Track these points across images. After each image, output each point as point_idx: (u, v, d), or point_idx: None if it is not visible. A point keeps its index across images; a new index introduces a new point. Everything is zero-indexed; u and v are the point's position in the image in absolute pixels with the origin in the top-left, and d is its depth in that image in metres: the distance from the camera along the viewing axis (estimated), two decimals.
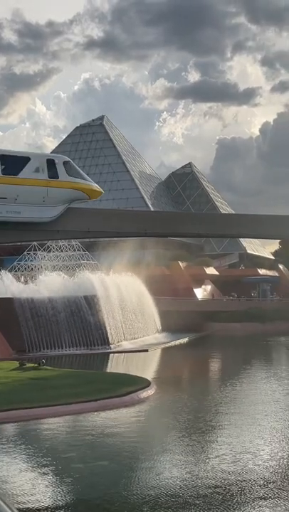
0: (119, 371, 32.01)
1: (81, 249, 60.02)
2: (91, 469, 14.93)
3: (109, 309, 45.21)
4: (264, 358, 41.44)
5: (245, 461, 15.27)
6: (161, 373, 33.20)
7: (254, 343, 50.32)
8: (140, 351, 41.91)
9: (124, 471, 14.82)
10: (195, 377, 32.78)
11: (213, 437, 18.26)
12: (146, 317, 52.06)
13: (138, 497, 12.94)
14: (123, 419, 20.50)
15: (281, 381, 28.98)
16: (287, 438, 17.91)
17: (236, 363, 37.95)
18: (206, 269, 72.64)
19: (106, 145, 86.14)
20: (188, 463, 15.33)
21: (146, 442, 17.81)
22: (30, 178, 27.63)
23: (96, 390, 22.88)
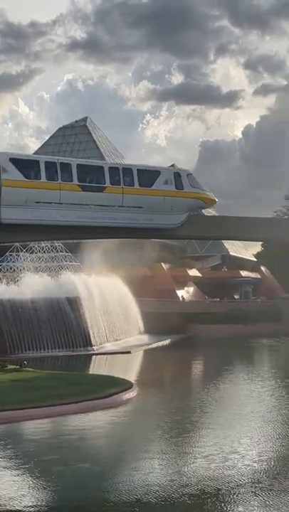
0: (101, 373, 31.91)
1: (64, 251, 59.76)
2: (73, 472, 14.84)
3: (91, 311, 45.08)
4: (246, 360, 41.60)
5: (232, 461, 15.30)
6: (143, 375, 33.16)
7: (236, 345, 50.49)
8: (123, 353, 41.83)
9: (107, 474, 14.76)
10: (178, 379, 32.80)
11: (196, 438, 18.25)
12: (128, 319, 52.00)
13: (121, 499, 12.89)
14: (106, 421, 20.42)
15: (264, 382, 29.10)
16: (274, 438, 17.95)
17: (219, 364, 38.04)
18: (188, 270, 72.79)
19: (89, 146, 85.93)
20: (171, 464, 15.29)
21: (129, 444, 17.77)
22: (161, 190, 32.13)
23: (78, 391, 22.78)
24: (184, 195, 32.99)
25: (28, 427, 19.52)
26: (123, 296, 52.48)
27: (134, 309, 53.46)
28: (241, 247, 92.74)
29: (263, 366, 38.89)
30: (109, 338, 46.19)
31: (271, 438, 18.01)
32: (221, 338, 55.21)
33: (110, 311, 48.32)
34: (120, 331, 49.02)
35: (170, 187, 32.63)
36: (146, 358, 41.26)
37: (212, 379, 30.82)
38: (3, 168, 28.99)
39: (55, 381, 25.19)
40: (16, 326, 41.14)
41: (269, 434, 18.49)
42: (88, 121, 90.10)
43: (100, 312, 46.40)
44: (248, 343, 50.62)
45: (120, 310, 50.50)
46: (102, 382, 25.28)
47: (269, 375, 32.60)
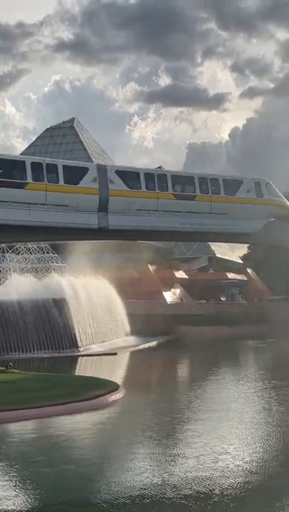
0: (87, 374, 31.85)
1: (50, 252, 59.58)
2: (59, 473, 14.80)
3: (78, 312, 44.98)
4: (233, 361, 41.72)
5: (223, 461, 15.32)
6: (130, 376, 33.12)
7: (223, 347, 50.63)
8: (109, 354, 41.77)
9: (93, 475, 14.72)
10: (164, 380, 32.81)
11: (181, 442, 18.25)
12: (115, 320, 51.95)
13: (107, 501, 12.86)
14: (92, 423, 20.38)
15: (252, 383, 29.20)
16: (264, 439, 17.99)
17: (205, 365, 38.12)
18: (175, 272, 72.89)
19: (76, 147, 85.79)
20: (157, 465, 15.30)
21: (115, 445, 17.74)
22: (243, 198, 35.49)
23: (65, 393, 22.70)
24: (263, 202, 36.70)
25: (14, 428, 19.43)
26: (110, 297, 52.43)
27: (121, 311, 53.43)
28: (228, 249, 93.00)
29: (250, 368, 39.03)
30: (95, 340, 46.11)
31: (261, 439, 18.07)
32: (208, 340, 55.33)
33: (97, 313, 48.25)
34: (106, 333, 48.96)
35: (251, 195, 36.27)
36: (132, 359, 41.23)
37: (199, 380, 30.88)
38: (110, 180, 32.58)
39: (41, 383, 25.10)
40: (1, 327, 40.95)
41: (259, 435, 18.56)
42: (75, 122, 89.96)
43: (86, 314, 46.32)
44: (235, 345, 50.77)
45: (107, 311, 50.44)
46: (88, 384, 25.22)
47: (257, 377, 32.72)
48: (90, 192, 32.14)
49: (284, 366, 38.24)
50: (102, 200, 32.32)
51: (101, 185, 32.44)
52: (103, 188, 32.49)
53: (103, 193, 32.41)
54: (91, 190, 32.17)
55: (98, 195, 32.35)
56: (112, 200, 32.50)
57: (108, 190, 32.63)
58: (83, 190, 31.87)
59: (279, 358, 43.89)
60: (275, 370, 36.22)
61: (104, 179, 32.64)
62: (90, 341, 45.16)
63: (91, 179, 32.32)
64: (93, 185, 32.19)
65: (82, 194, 31.86)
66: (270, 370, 36.81)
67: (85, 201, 31.84)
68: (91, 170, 32.94)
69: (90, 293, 48.88)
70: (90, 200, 32.06)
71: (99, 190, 32.30)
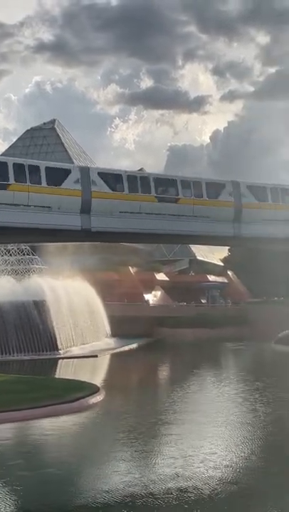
0: (68, 377, 31.65)
1: (31, 254, 59.26)
2: (39, 477, 14.66)
3: (58, 314, 44.73)
4: (214, 363, 41.82)
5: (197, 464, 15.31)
6: (110, 379, 33.01)
7: (203, 348, 50.75)
8: (89, 357, 41.60)
9: (73, 478, 14.61)
10: (144, 383, 32.76)
11: (161, 443, 18.21)
12: (96, 322, 51.80)
13: (87, 504, 12.77)
14: (72, 425, 20.26)
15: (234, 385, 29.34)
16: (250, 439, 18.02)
17: (186, 367, 38.16)
18: (156, 274, 72.94)
19: (57, 149, 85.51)
20: (137, 468, 15.24)
21: (95, 448, 17.65)
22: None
23: (44, 396, 22.53)
24: None
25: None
26: (90, 299, 52.26)
27: (102, 313, 53.29)
28: (208, 252, 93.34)
29: (231, 369, 39.20)
30: (76, 342, 45.89)
31: (247, 439, 18.11)
32: (189, 342, 55.43)
33: (77, 315, 48.05)
34: (87, 335, 48.78)
35: None
36: (113, 361, 41.12)
37: (180, 382, 30.87)
38: None
39: (21, 385, 24.87)
40: None
41: (244, 435, 18.59)
42: (56, 123, 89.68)
43: (66, 316, 46.09)
44: (216, 347, 50.93)
45: (87, 314, 50.27)
46: (69, 387, 25.07)
47: (239, 378, 32.86)
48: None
49: (264, 368, 38.49)
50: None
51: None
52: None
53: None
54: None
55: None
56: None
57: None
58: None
59: (259, 360, 44.14)
60: (256, 371, 36.39)
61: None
62: (70, 344, 44.94)
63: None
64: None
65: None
66: (252, 371, 36.97)
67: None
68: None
69: (71, 295, 48.67)
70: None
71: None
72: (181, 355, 47.48)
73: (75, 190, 32.06)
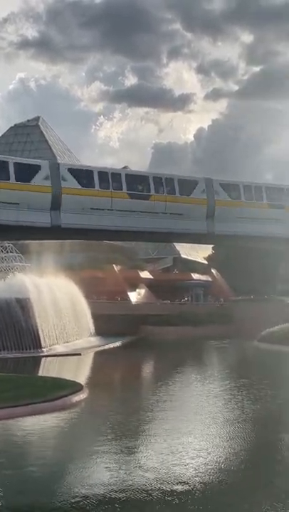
0: (51, 375, 31.47)
1: (14, 251, 58.90)
2: (21, 476, 14.50)
3: (42, 312, 44.50)
4: (198, 361, 41.92)
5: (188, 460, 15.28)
6: (94, 377, 32.89)
7: (187, 346, 50.83)
8: (73, 355, 41.44)
9: (56, 477, 14.48)
10: (128, 381, 32.69)
11: (145, 441, 18.15)
12: (79, 320, 51.62)
13: (68, 503, 12.67)
14: (55, 424, 20.11)
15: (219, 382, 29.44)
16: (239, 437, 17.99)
17: (171, 365, 38.16)
18: (140, 272, 72.89)
19: (41, 146, 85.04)
20: (121, 467, 15.16)
21: (79, 447, 17.52)
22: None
23: (27, 394, 22.34)
24: None
25: None
26: (74, 297, 52.08)
27: (85, 311, 53.14)
28: (192, 250, 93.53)
29: (215, 367, 39.31)
30: (59, 340, 45.70)
31: (235, 437, 18.09)
32: (172, 340, 55.49)
33: (61, 313, 47.84)
34: (71, 333, 48.61)
35: None
36: (97, 359, 41.01)
37: (164, 380, 30.84)
38: None
39: (3, 383, 24.62)
40: None
41: (233, 432, 18.57)
42: (40, 120, 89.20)
43: (50, 314, 45.87)
44: (199, 345, 51.04)
45: (71, 312, 50.08)
46: (52, 385, 24.89)
47: (223, 376, 33.00)
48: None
49: (248, 365, 38.62)
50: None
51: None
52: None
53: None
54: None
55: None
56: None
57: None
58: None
59: (243, 358, 44.30)
60: (240, 369, 36.53)
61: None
62: (53, 342, 44.73)
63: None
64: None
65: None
66: (236, 369, 37.12)
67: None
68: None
69: (55, 293, 48.45)
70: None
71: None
72: (165, 353, 47.49)
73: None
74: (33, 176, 31.77)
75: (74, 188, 32.60)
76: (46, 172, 32.10)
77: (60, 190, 32.20)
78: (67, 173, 32.71)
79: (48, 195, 31.87)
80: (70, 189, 32.42)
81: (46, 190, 31.87)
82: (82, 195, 32.72)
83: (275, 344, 44.10)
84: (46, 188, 31.82)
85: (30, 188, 31.38)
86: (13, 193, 30.70)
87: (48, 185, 31.83)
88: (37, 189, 31.39)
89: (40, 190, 31.49)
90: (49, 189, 31.91)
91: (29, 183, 31.34)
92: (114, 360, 42.47)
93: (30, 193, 31.33)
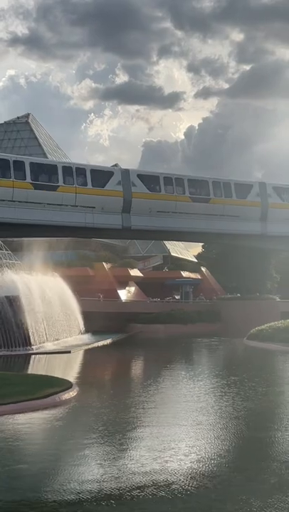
0: (40, 373, 31.42)
1: (3, 249, 58.68)
2: (10, 473, 14.50)
3: (31, 310, 44.41)
4: (188, 358, 42.03)
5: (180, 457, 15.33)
6: (83, 375, 32.90)
7: (177, 344, 50.94)
8: (63, 352, 41.41)
9: (46, 474, 14.47)
10: (118, 378, 32.73)
11: (136, 437, 18.19)
12: (69, 318, 51.57)
13: (59, 500, 12.68)
14: (44, 422, 20.10)
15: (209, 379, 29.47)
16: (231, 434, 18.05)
17: (160, 363, 38.22)
18: (130, 270, 72.90)
19: (31, 143, 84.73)
20: (109, 464, 15.19)
21: (68, 444, 17.52)
22: None
23: (16, 391, 22.32)
24: None
25: None
26: (64, 295, 52.01)
27: (75, 309, 53.09)
28: (182, 248, 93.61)
29: (205, 364, 39.41)
30: (49, 338, 45.65)
31: (229, 433, 18.18)
32: (162, 338, 55.59)
33: (50, 311, 47.78)
34: (61, 331, 48.56)
35: None
36: (86, 357, 41.00)
37: (155, 377, 30.91)
38: None
39: None
40: None
41: (226, 429, 18.65)
42: (31, 117, 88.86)
43: (40, 311, 45.80)
44: (189, 343, 51.15)
45: (61, 309, 50.03)
46: (41, 382, 24.88)
47: (212, 373, 33.09)
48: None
49: (238, 363, 38.77)
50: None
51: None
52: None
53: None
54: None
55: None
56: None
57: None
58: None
59: (232, 355, 44.48)
60: (230, 366, 36.67)
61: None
62: (43, 339, 44.67)
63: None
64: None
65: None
66: (225, 366, 37.27)
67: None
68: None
69: (44, 290, 48.38)
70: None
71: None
72: (155, 350, 47.56)
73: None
74: (106, 182, 33.45)
75: (143, 192, 34.19)
76: (118, 178, 33.63)
77: (131, 194, 33.70)
78: (136, 179, 34.21)
79: (120, 199, 33.41)
80: (139, 194, 33.92)
81: (118, 195, 33.49)
82: (150, 199, 34.22)
83: (263, 342, 44.30)
84: (118, 192, 33.44)
85: (105, 192, 33.18)
86: (90, 197, 33.40)
87: (119, 190, 33.42)
88: (111, 194, 33.44)
89: (114, 194, 33.52)
90: (121, 194, 33.51)
91: (103, 189, 33.41)
92: (104, 357, 42.49)
93: (105, 197, 33.23)
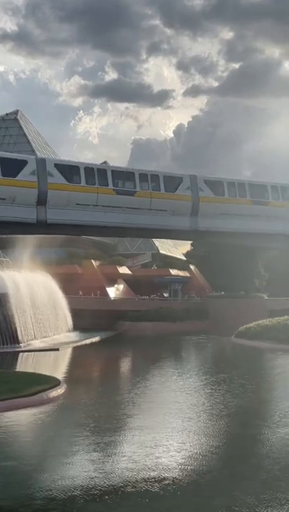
0: (28, 370, 31.25)
1: None
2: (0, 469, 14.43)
3: (19, 307, 44.17)
4: (177, 356, 42.02)
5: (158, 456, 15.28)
6: (71, 372, 32.77)
7: (165, 342, 50.96)
8: (51, 350, 41.26)
9: (34, 471, 14.39)
10: (106, 376, 32.65)
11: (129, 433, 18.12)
12: (57, 316, 51.40)
13: (47, 497, 12.60)
14: (32, 419, 19.98)
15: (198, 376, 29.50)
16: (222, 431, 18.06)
17: (149, 360, 38.22)
18: (119, 268, 72.80)
19: (20, 140, 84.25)
20: (99, 461, 15.11)
21: (57, 440, 17.43)
22: None
23: (4, 389, 22.16)
24: None
25: None
26: (52, 293, 51.81)
27: (64, 306, 52.92)
28: (171, 246, 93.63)
29: (193, 362, 39.45)
30: (37, 335, 45.45)
31: (219, 430, 18.21)
32: (151, 335, 55.58)
33: (39, 308, 47.56)
34: (49, 328, 48.37)
35: None
36: (74, 355, 40.87)
37: (143, 375, 30.87)
38: None
39: None
40: None
41: (216, 425, 18.68)
42: (19, 114, 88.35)
43: (28, 309, 45.57)
44: (177, 340, 51.18)
45: (49, 307, 49.83)
46: (29, 380, 24.74)
47: (201, 370, 33.10)
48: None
49: (226, 360, 38.86)
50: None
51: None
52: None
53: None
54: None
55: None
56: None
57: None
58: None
59: (221, 353, 44.56)
60: (219, 364, 36.73)
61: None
62: (31, 337, 44.47)
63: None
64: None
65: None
66: (214, 364, 37.34)
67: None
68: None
69: (33, 288, 48.14)
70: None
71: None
72: (144, 348, 47.53)
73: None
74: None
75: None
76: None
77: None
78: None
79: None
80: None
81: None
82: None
83: (251, 340, 44.40)
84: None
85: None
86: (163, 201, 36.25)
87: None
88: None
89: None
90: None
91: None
92: (92, 355, 42.39)
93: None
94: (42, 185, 32.80)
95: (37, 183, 32.73)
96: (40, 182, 32.78)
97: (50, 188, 33.01)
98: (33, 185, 32.63)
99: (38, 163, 33.38)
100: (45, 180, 32.97)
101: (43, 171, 33.00)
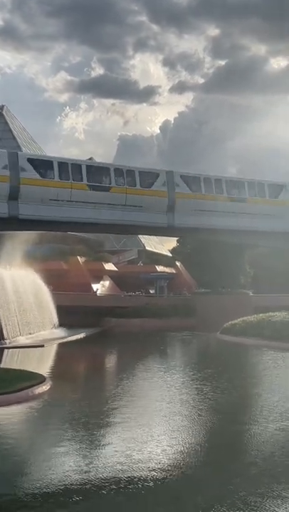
0: (13, 367, 31.04)
1: None
2: None
3: (4, 304, 43.89)
4: (162, 352, 41.99)
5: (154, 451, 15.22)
6: (57, 369, 32.59)
7: (152, 338, 50.89)
8: (36, 347, 41.04)
9: (19, 468, 14.25)
10: (92, 372, 32.53)
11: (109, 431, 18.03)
12: (43, 312, 51.16)
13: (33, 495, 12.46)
14: (17, 416, 19.82)
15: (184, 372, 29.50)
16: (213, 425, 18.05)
17: (135, 357, 38.13)
18: (104, 264, 72.63)
19: (5, 136, 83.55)
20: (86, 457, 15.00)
21: (42, 438, 17.29)
22: None
23: None
24: None
25: None
26: (38, 289, 51.57)
27: (49, 302, 52.68)
28: (157, 243, 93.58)
29: (179, 358, 39.45)
30: (22, 332, 45.19)
31: (209, 425, 18.20)
32: (137, 332, 55.50)
33: (24, 305, 47.31)
34: (34, 325, 48.13)
35: None
36: (60, 351, 40.68)
37: (129, 371, 30.77)
38: None
39: None
40: None
41: (205, 420, 18.68)
42: (5, 109, 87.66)
43: (13, 305, 45.30)
44: (164, 337, 51.17)
45: (34, 303, 49.58)
46: (14, 376, 24.51)
47: (188, 367, 33.09)
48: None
49: (212, 357, 38.91)
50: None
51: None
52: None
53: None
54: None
55: None
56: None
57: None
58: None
59: (206, 349, 44.63)
60: (204, 360, 36.78)
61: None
62: (16, 333, 44.21)
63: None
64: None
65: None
66: (200, 360, 37.37)
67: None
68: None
69: (18, 284, 47.87)
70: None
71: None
72: (130, 344, 47.44)
73: None
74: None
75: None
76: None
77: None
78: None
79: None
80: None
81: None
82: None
83: (236, 336, 44.48)
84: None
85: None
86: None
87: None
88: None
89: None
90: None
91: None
92: (77, 351, 42.24)
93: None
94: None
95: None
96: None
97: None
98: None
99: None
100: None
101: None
